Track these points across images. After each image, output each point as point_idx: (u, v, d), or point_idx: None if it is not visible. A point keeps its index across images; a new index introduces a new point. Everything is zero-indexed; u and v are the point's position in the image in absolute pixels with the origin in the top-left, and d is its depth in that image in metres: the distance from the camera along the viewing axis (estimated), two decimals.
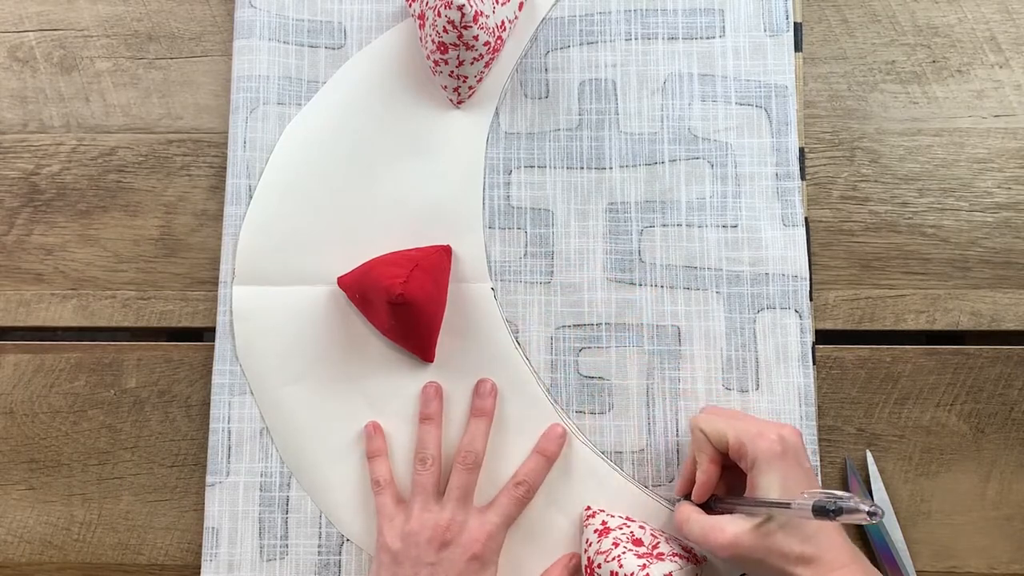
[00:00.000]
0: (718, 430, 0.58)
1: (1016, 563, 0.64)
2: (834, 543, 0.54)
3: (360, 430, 0.64)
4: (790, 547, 0.53)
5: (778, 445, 0.55)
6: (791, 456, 0.56)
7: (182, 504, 0.65)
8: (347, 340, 0.65)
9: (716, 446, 0.58)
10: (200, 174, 0.69)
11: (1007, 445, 0.65)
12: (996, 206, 0.67)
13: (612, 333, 0.66)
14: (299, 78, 0.69)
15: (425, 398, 0.64)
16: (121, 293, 0.68)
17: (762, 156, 0.67)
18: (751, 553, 0.54)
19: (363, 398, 0.65)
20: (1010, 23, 0.69)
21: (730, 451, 0.57)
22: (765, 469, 0.55)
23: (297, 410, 0.64)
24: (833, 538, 0.54)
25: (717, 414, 0.61)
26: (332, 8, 0.70)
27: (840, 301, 0.67)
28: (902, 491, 0.64)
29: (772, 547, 0.53)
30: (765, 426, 0.57)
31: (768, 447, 0.55)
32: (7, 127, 0.70)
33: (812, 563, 0.53)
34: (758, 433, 0.56)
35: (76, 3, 0.71)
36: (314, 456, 0.64)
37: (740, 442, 0.56)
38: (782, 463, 0.55)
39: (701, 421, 0.59)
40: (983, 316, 0.66)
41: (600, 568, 0.59)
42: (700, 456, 0.59)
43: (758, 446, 0.55)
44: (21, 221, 0.69)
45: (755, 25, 0.69)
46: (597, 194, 0.67)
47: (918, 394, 0.65)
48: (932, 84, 0.69)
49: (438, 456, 0.63)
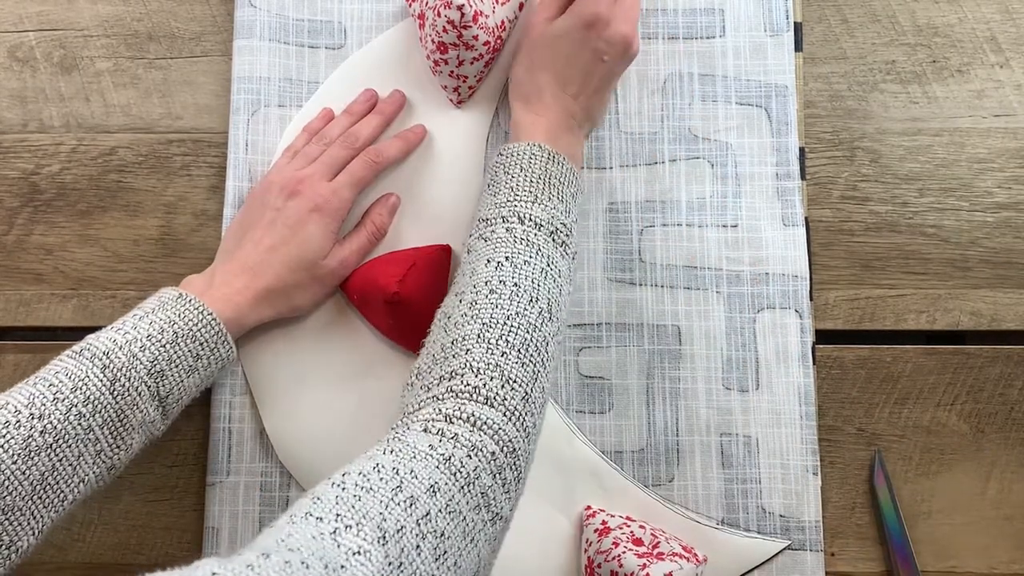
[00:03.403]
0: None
1: (1016, 563, 0.64)
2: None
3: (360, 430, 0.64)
4: (538, 78, 0.62)
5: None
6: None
7: (182, 504, 0.65)
8: (347, 340, 0.65)
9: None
10: (200, 174, 0.69)
11: (1007, 445, 0.65)
12: (996, 206, 0.67)
13: (612, 333, 0.66)
14: (300, 79, 0.69)
15: (362, 97, 0.68)
16: (121, 293, 0.68)
17: (762, 156, 0.67)
18: (524, 42, 0.64)
19: (363, 398, 0.65)
20: (1010, 23, 0.69)
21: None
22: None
23: (297, 410, 0.64)
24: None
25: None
26: (332, 8, 0.70)
27: (840, 301, 0.67)
28: (902, 491, 0.64)
29: (533, 58, 0.63)
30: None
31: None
32: (7, 127, 0.70)
33: (535, 103, 0.62)
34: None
35: (76, 3, 0.71)
36: (313, 456, 0.64)
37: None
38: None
39: None
40: (983, 316, 0.66)
41: (600, 568, 0.59)
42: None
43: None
44: (21, 221, 0.69)
45: (755, 25, 0.69)
46: (597, 194, 0.67)
47: (918, 394, 0.65)
48: (932, 84, 0.69)
49: (341, 141, 0.65)
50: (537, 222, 0.57)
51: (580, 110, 0.63)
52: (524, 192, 0.58)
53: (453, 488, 0.45)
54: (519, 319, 0.53)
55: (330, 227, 0.63)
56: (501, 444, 0.48)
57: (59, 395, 0.52)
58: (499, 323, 0.52)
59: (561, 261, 0.57)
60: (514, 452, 0.49)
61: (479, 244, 0.57)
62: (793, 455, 0.64)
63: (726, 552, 0.63)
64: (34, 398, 0.51)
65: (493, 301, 0.53)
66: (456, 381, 0.50)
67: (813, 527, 0.63)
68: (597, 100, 0.63)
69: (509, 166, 0.59)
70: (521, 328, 0.52)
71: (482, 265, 0.55)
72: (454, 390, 0.49)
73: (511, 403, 0.49)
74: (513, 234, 0.56)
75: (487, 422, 0.48)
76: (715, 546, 0.63)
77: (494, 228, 0.57)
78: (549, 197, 0.58)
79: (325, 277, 0.63)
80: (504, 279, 0.54)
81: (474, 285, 0.54)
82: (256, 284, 0.60)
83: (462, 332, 0.52)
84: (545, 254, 0.56)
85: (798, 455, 0.64)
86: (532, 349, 0.52)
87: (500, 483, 0.47)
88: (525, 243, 0.56)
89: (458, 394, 0.49)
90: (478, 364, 0.50)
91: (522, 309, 0.53)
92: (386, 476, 0.44)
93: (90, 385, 0.53)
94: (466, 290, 0.55)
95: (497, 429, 0.48)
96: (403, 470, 0.44)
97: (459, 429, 0.47)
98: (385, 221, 0.66)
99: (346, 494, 0.43)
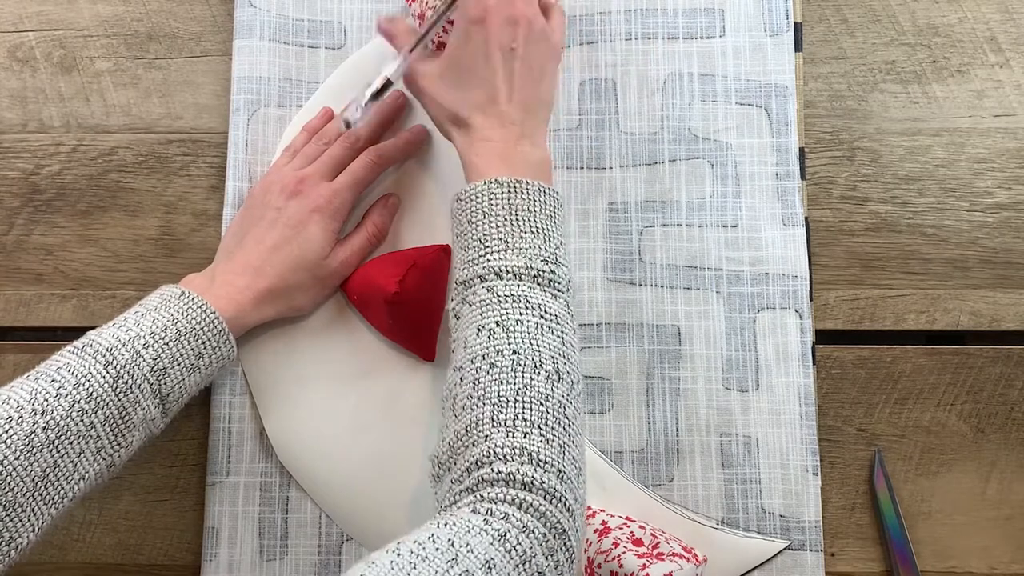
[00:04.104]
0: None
1: (1016, 563, 0.64)
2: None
3: (360, 430, 0.64)
4: (450, 105, 0.58)
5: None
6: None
7: (182, 504, 0.65)
8: (347, 340, 0.65)
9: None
10: (200, 174, 0.69)
11: (1007, 445, 0.65)
12: (996, 206, 0.67)
13: (612, 333, 0.66)
14: (300, 79, 0.69)
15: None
16: (121, 293, 0.68)
17: (762, 156, 0.67)
18: (421, 97, 0.60)
19: (363, 398, 0.65)
20: (1010, 23, 0.69)
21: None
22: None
23: (297, 410, 0.64)
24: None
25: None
26: (332, 8, 0.70)
27: (840, 301, 0.67)
28: (902, 491, 0.64)
29: (439, 97, 0.59)
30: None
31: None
32: (7, 127, 0.70)
33: (466, 128, 0.57)
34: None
35: (76, 3, 0.71)
36: (313, 456, 0.64)
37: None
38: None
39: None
40: (983, 316, 0.66)
41: (600, 568, 0.59)
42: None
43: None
44: (21, 221, 0.69)
45: (755, 25, 0.69)
46: (597, 194, 0.67)
47: (918, 394, 0.65)
48: (932, 84, 0.69)
49: (341, 141, 0.65)
50: (516, 272, 0.53)
51: (518, 115, 0.57)
52: (493, 241, 0.54)
53: (508, 566, 0.44)
54: (529, 392, 0.50)
55: (331, 227, 0.63)
56: (549, 526, 0.46)
57: (62, 391, 0.52)
58: (509, 401, 0.49)
59: (554, 304, 0.53)
60: (563, 533, 0.47)
61: (465, 309, 0.54)
62: (793, 455, 0.64)
63: (726, 552, 0.63)
64: (36, 393, 0.51)
65: (496, 376, 0.50)
66: (486, 470, 0.48)
67: (813, 527, 0.63)
68: (533, 94, 0.57)
69: (471, 213, 0.55)
70: (534, 402, 0.49)
71: (473, 335, 0.52)
72: (487, 479, 0.47)
73: (549, 484, 0.47)
74: (496, 293, 0.52)
75: (532, 504, 0.46)
76: (715, 546, 0.63)
77: (475, 289, 0.53)
78: (521, 237, 0.54)
79: (326, 278, 0.63)
80: (501, 349, 0.51)
81: (471, 359, 0.51)
82: (257, 284, 0.60)
83: (473, 417, 0.50)
84: (535, 305, 0.52)
85: (798, 455, 0.64)
86: (552, 421, 0.49)
87: (554, 564, 0.46)
88: (511, 300, 0.52)
89: (493, 482, 0.47)
90: (503, 451, 0.48)
91: (529, 380, 0.50)
92: (441, 547, 0.43)
93: (93, 381, 0.53)
94: (465, 366, 0.52)
95: (544, 511, 0.46)
96: (458, 543, 0.43)
97: (508, 509, 0.46)
98: (386, 222, 0.66)
99: (401, 560, 0.42)
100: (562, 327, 0.53)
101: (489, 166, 0.56)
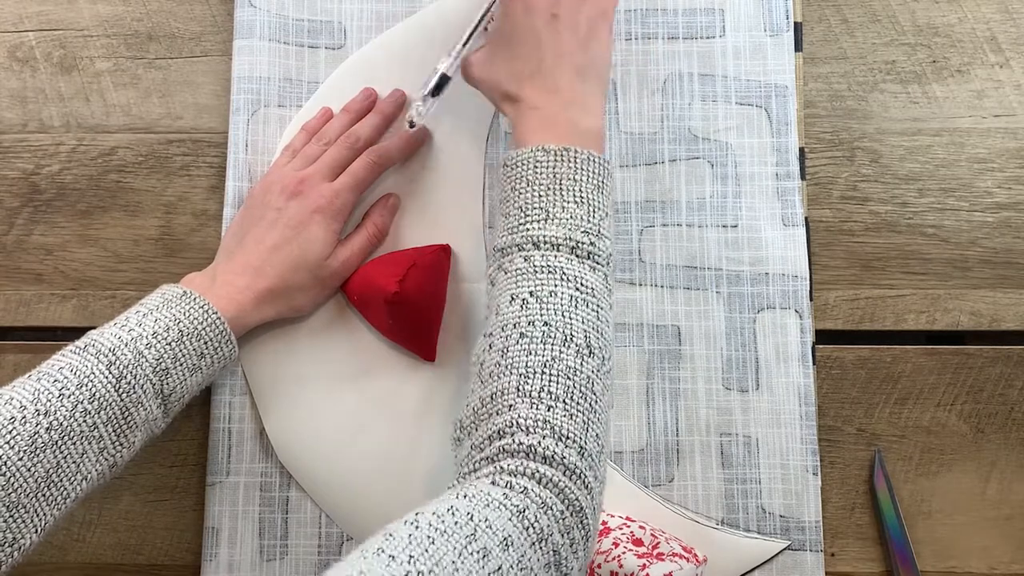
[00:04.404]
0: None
1: (1016, 563, 0.64)
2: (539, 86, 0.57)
3: (359, 430, 0.64)
4: (500, 83, 0.58)
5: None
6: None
7: (182, 504, 0.65)
8: (347, 340, 0.65)
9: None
10: (200, 174, 0.69)
11: (1007, 445, 0.65)
12: (996, 206, 0.67)
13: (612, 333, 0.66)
14: (300, 79, 0.69)
15: (361, 95, 0.67)
16: (121, 293, 0.68)
17: (762, 156, 0.67)
18: (478, 85, 0.60)
19: (363, 398, 0.65)
20: (1010, 23, 0.69)
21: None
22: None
23: (297, 410, 0.64)
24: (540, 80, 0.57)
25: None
26: (332, 8, 0.70)
27: (840, 301, 0.67)
28: (902, 491, 0.64)
29: (490, 79, 0.59)
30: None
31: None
32: (7, 127, 0.70)
33: (516, 102, 0.57)
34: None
35: (76, 3, 0.71)
36: (313, 456, 0.64)
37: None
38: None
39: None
40: (983, 316, 0.66)
41: (600, 568, 0.59)
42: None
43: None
44: (21, 221, 0.69)
45: (755, 25, 0.69)
46: None
47: (918, 394, 0.65)
48: (932, 84, 0.69)
49: (342, 141, 0.65)
50: (554, 243, 0.53)
51: (567, 81, 0.56)
52: (534, 210, 0.53)
53: (525, 544, 0.43)
54: (557, 364, 0.49)
55: (332, 228, 0.63)
56: (567, 503, 0.46)
57: (64, 391, 0.52)
58: (536, 373, 0.49)
59: (592, 276, 0.53)
60: (580, 511, 0.46)
61: (500, 276, 0.54)
62: (793, 455, 0.64)
63: (726, 552, 0.63)
64: (39, 393, 0.51)
65: (525, 347, 0.50)
66: (507, 440, 0.47)
67: (813, 527, 0.63)
68: (581, 58, 0.57)
69: (515, 180, 0.55)
70: (561, 375, 0.49)
71: (506, 303, 0.52)
72: (507, 450, 0.47)
73: (569, 460, 0.47)
74: (532, 263, 0.52)
75: (551, 479, 0.46)
76: (715, 546, 0.63)
77: (512, 258, 0.53)
78: (563, 207, 0.53)
79: (327, 278, 0.63)
80: (532, 319, 0.50)
81: (502, 327, 0.51)
82: (258, 284, 0.60)
83: (499, 385, 0.49)
84: (572, 276, 0.52)
85: (798, 455, 0.64)
86: (578, 396, 0.49)
87: (569, 542, 0.45)
88: (547, 271, 0.52)
89: (513, 454, 0.47)
90: (526, 423, 0.47)
91: (558, 353, 0.50)
92: (460, 520, 0.42)
93: (95, 382, 0.53)
94: (495, 333, 0.51)
95: (563, 487, 0.46)
96: (477, 517, 0.43)
97: (527, 484, 0.45)
98: (386, 222, 0.66)
99: (419, 533, 0.41)
100: (598, 300, 0.52)
101: (535, 134, 0.55)
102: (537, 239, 0.53)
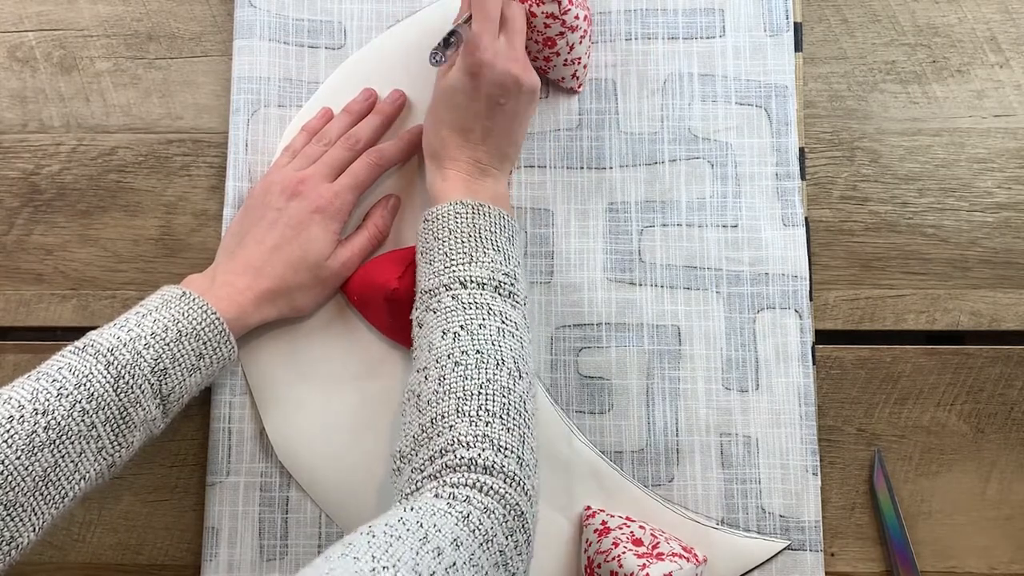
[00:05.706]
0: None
1: (1016, 563, 0.64)
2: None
3: (360, 430, 0.64)
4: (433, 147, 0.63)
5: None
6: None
7: (182, 504, 0.65)
8: (347, 340, 0.65)
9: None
10: (200, 174, 0.69)
11: (1007, 445, 0.65)
12: (996, 206, 0.67)
13: (612, 333, 0.66)
14: (300, 79, 0.69)
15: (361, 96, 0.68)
16: (121, 293, 0.68)
17: (762, 156, 0.67)
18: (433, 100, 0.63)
19: (363, 398, 0.65)
20: (1010, 23, 0.69)
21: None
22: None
23: (297, 410, 0.64)
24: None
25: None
26: (332, 8, 0.70)
27: (840, 301, 0.67)
28: (902, 491, 0.64)
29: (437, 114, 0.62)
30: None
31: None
32: (7, 127, 0.70)
33: (437, 158, 0.62)
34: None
35: (76, 3, 0.71)
36: (313, 456, 0.64)
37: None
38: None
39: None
40: (983, 316, 0.66)
41: (600, 568, 0.59)
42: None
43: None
44: (21, 221, 0.69)
45: (755, 25, 0.69)
46: (597, 194, 0.67)
47: (918, 394, 0.65)
48: (932, 84, 0.69)
49: (342, 142, 0.65)
50: (479, 282, 0.57)
51: (487, 155, 0.62)
52: (458, 255, 0.58)
53: (473, 544, 0.46)
54: (492, 385, 0.53)
55: (332, 228, 0.63)
56: (508, 508, 0.49)
57: (63, 391, 0.52)
58: (473, 394, 0.53)
59: (514, 312, 0.57)
60: (522, 515, 0.50)
61: (429, 317, 0.57)
62: (793, 455, 0.64)
63: (726, 552, 0.63)
64: (38, 393, 0.51)
65: (461, 373, 0.54)
66: (449, 457, 0.50)
67: (813, 527, 0.63)
68: (505, 141, 0.63)
69: (438, 231, 0.59)
70: (497, 394, 0.53)
71: (438, 338, 0.56)
72: (450, 465, 0.50)
73: (509, 469, 0.50)
74: (460, 301, 0.56)
75: (492, 487, 0.49)
76: (715, 546, 0.63)
77: (440, 298, 0.57)
78: (484, 252, 0.58)
79: (327, 279, 0.63)
80: (465, 349, 0.54)
81: (437, 359, 0.55)
82: (259, 284, 0.60)
83: (439, 410, 0.53)
84: (497, 311, 0.56)
85: (798, 455, 0.64)
86: (513, 412, 0.53)
87: (513, 544, 0.49)
88: (475, 307, 0.56)
89: (455, 468, 0.50)
90: (466, 439, 0.51)
91: (492, 375, 0.54)
92: (411, 528, 0.45)
93: (94, 382, 0.53)
94: (430, 366, 0.55)
95: (504, 494, 0.49)
96: (427, 524, 0.46)
97: (469, 493, 0.49)
98: (387, 223, 0.66)
99: (377, 540, 0.44)
100: (521, 333, 0.57)
101: (454, 191, 0.61)
102: (464, 279, 0.57)
